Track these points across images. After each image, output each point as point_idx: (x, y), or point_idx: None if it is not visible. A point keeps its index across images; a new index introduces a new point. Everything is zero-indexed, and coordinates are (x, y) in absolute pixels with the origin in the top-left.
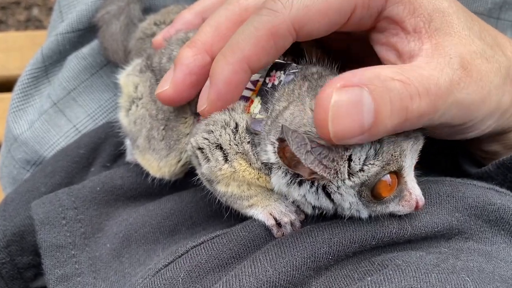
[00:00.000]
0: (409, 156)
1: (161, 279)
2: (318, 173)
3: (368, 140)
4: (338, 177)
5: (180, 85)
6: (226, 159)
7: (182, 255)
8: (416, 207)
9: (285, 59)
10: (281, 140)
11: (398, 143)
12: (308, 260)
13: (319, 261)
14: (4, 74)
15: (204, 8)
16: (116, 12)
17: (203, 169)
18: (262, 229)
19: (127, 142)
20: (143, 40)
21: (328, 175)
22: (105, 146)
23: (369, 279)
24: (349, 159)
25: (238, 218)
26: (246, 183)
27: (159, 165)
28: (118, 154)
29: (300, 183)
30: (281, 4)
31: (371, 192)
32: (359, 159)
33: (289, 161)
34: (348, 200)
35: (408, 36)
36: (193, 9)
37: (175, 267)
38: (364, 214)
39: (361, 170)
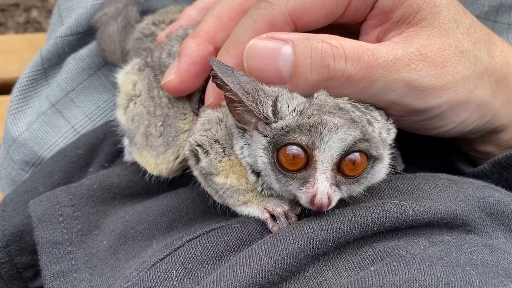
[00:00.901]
0: (329, 141)
1: (156, 272)
2: (237, 92)
3: (293, 90)
4: (260, 110)
5: (185, 74)
6: (224, 152)
7: (178, 248)
8: (313, 203)
9: None
10: (213, 76)
11: (321, 114)
12: (306, 248)
13: (317, 248)
14: (3, 76)
15: (207, 4)
16: (113, 13)
17: (203, 163)
18: (258, 225)
19: (125, 142)
20: (141, 40)
21: (247, 100)
22: (103, 146)
23: (372, 269)
24: (276, 99)
25: (234, 215)
26: (245, 177)
27: (156, 162)
28: (116, 154)
29: (243, 136)
30: None
31: (277, 153)
32: (288, 103)
33: (230, 101)
34: (260, 155)
35: (392, 25)
36: (197, 6)
37: (170, 261)
38: (275, 183)
39: (286, 116)
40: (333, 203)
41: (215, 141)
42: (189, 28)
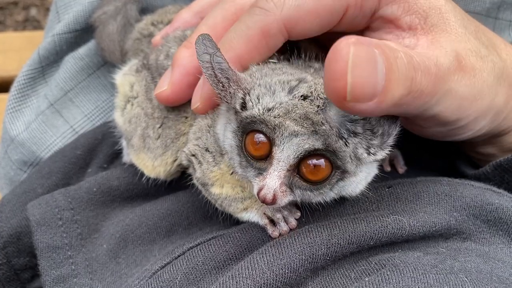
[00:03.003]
0: (288, 142)
1: (158, 281)
2: (208, 78)
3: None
4: (228, 100)
5: (177, 85)
6: (215, 161)
7: (178, 256)
8: (258, 194)
9: (282, 57)
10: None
11: (286, 119)
12: (306, 262)
13: (316, 262)
14: (2, 75)
15: (202, 7)
16: (113, 12)
17: (197, 174)
18: (258, 231)
19: (123, 143)
20: (140, 40)
21: (216, 88)
22: (102, 147)
23: (366, 279)
24: (247, 93)
25: (234, 219)
26: (239, 185)
27: (153, 165)
28: (115, 155)
29: (225, 116)
30: (272, 4)
31: (244, 137)
32: (258, 99)
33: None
34: (228, 137)
35: (403, 33)
36: (191, 9)
37: (172, 269)
38: (237, 167)
39: (251, 108)
40: (280, 203)
41: (206, 150)
42: (187, 29)
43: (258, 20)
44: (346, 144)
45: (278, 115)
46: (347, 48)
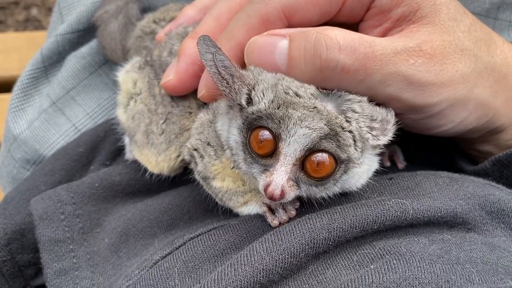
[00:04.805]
0: (294, 135)
1: (158, 271)
2: (212, 76)
3: None
4: (233, 97)
5: (183, 74)
6: (216, 155)
7: (179, 247)
8: (266, 191)
9: None
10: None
11: (287, 108)
12: (307, 247)
13: (318, 247)
14: (2, 75)
15: (206, 4)
16: (114, 11)
17: (199, 167)
18: (258, 221)
19: (126, 140)
20: (142, 38)
21: (221, 85)
22: (104, 144)
23: (372, 267)
24: (252, 89)
25: (235, 215)
26: (240, 179)
27: (157, 160)
28: (118, 152)
29: (227, 113)
30: None
31: (249, 134)
32: (263, 94)
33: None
34: (233, 133)
35: (392, 24)
36: (196, 5)
37: (172, 259)
38: (242, 163)
39: (258, 103)
40: (287, 198)
41: (207, 144)
42: (189, 26)
43: (258, 8)
44: (348, 121)
45: (283, 103)
46: (250, 39)
